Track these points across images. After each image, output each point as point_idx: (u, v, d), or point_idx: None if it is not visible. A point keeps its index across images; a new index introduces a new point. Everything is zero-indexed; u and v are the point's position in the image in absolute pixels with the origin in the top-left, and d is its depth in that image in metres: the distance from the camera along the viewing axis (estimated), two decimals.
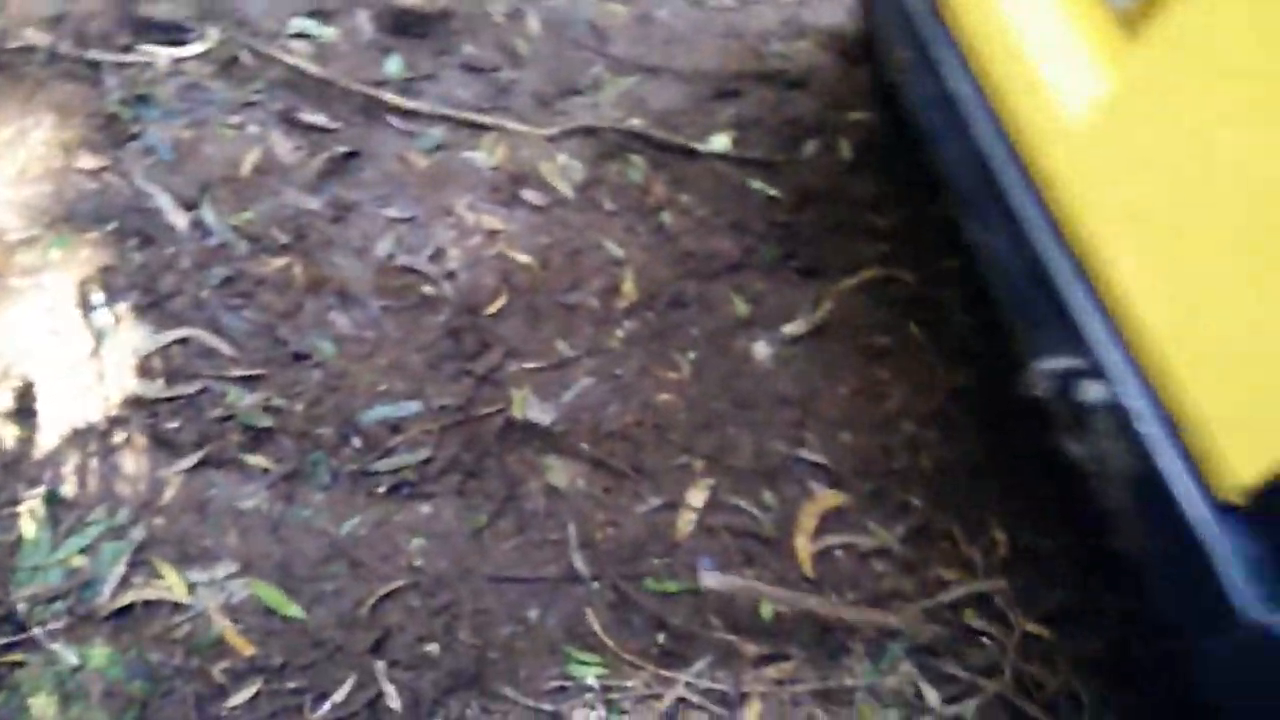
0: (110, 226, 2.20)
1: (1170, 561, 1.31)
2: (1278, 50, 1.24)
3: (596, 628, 1.85)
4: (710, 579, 1.89)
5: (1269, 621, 1.18)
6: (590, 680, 1.79)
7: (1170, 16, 1.42)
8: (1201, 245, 1.33)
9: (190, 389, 2.01)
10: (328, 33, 2.71)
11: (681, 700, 1.78)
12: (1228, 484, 1.25)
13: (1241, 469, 1.24)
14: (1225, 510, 1.26)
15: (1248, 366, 1.26)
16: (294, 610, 1.78)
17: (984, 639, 1.92)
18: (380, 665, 1.74)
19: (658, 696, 1.78)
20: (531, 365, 2.18)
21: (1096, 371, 1.43)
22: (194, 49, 2.57)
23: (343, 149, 2.45)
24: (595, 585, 1.91)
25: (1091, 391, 1.42)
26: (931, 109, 1.88)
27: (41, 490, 1.83)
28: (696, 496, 2.04)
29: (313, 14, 2.74)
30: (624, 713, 1.76)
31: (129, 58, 2.51)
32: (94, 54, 2.49)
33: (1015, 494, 2.10)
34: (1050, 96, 1.62)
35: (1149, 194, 1.43)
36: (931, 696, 1.85)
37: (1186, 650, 1.32)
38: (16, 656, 1.66)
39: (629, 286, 2.34)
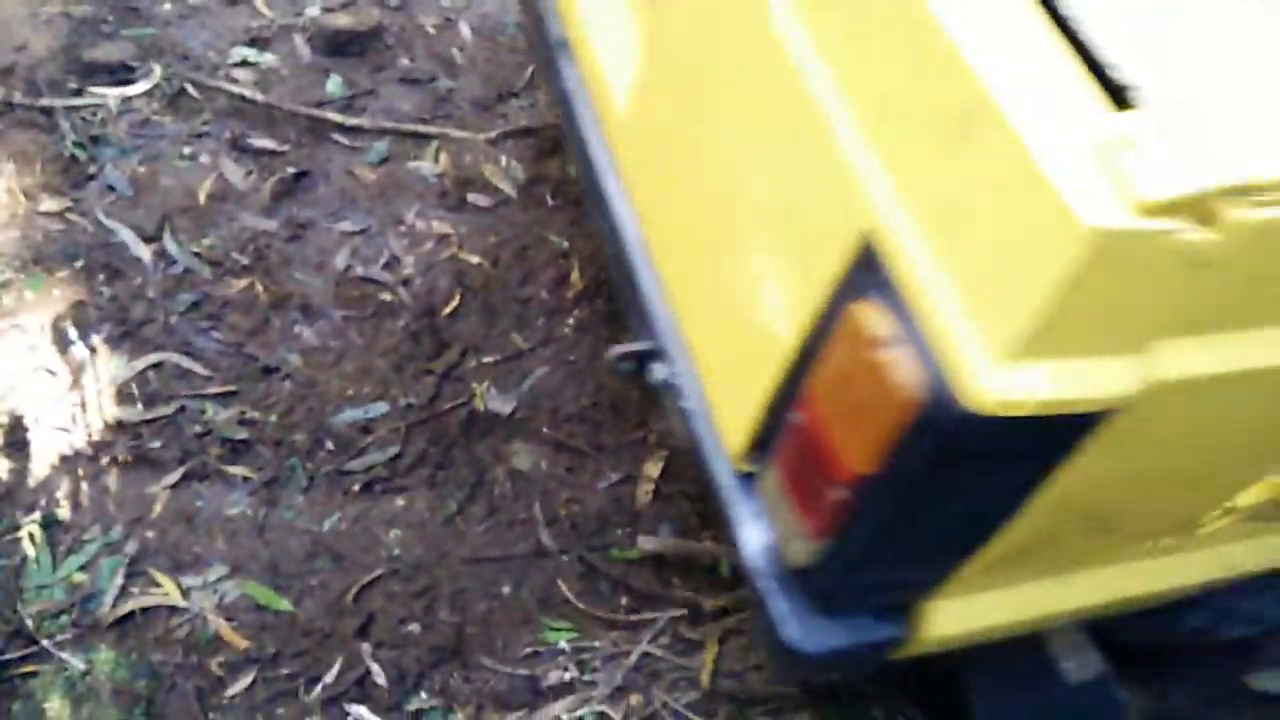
0: (78, 264, 2.31)
1: (726, 525, 1.40)
2: (730, 29, 1.27)
3: (570, 596, 1.99)
4: (647, 542, 2.04)
5: (766, 579, 1.29)
6: (562, 644, 1.93)
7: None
8: (685, 231, 1.42)
9: (168, 409, 2.13)
10: (267, 59, 2.81)
11: (646, 655, 1.93)
12: (733, 454, 1.36)
13: (732, 440, 1.35)
14: (741, 478, 1.36)
15: (724, 345, 1.36)
16: (283, 604, 1.91)
17: None
18: (366, 647, 1.88)
19: (625, 654, 1.93)
20: (490, 359, 2.31)
21: (660, 353, 1.52)
22: (141, 87, 2.67)
23: (293, 170, 2.56)
24: (564, 558, 2.05)
25: (657, 372, 1.51)
26: (560, 105, 1.93)
27: (38, 515, 1.96)
28: (653, 468, 2.18)
29: (251, 43, 2.84)
30: (595, 670, 1.90)
31: (80, 101, 2.61)
32: (46, 101, 2.59)
33: None
34: (609, 84, 1.68)
35: (658, 177, 1.50)
36: None
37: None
38: (30, 667, 1.79)
39: (576, 276, 2.46)
